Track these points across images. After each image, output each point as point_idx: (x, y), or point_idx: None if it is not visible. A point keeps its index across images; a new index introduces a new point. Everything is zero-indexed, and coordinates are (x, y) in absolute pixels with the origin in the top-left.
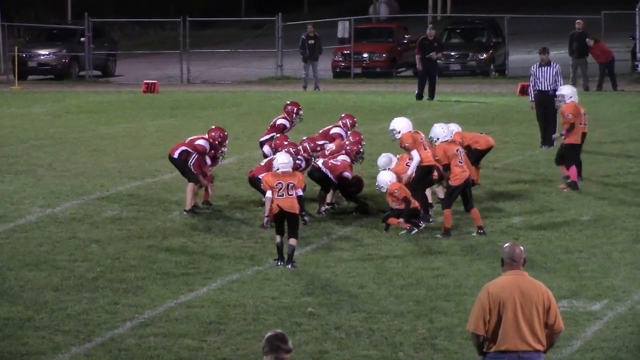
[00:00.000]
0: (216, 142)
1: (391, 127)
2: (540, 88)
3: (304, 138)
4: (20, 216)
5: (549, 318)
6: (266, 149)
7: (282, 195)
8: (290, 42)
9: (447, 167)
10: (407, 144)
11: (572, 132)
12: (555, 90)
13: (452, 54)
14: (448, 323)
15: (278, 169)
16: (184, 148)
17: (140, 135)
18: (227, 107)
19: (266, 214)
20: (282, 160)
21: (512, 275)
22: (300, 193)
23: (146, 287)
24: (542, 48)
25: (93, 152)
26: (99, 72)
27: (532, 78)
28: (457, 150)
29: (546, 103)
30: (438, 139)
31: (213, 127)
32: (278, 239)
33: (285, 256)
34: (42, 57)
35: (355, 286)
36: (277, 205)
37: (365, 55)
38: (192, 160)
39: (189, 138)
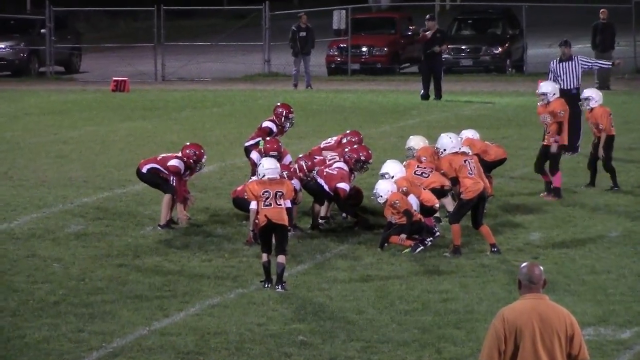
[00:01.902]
0: (191, 160)
1: (407, 146)
2: (561, 86)
3: (301, 156)
4: None
5: (572, 348)
6: (254, 155)
7: (270, 204)
8: (279, 34)
9: (455, 180)
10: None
11: (562, 133)
12: (578, 88)
13: (463, 47)
14: (458, 353)
15: (264, 176)
16: (154, 165)
17: (109, 140)
18: (208, 107)
19: (252, 228)
20: (269, 165)
21: (531, 300)
22: (289, 205)
23: (115, 312)
24: (563, 41)
25: (55, 159)
26: (61, 68)
27: (551, 75)
28: (465, 161)
29: (568, 104)
30: (445, 150)
31: (188, 143)
32: (265, 257)
33: (274, 277)
34: None
35: (352, 311)
36: (265, 215)
37: (363, 49)
38: (172, 180)
39: (162, 156)
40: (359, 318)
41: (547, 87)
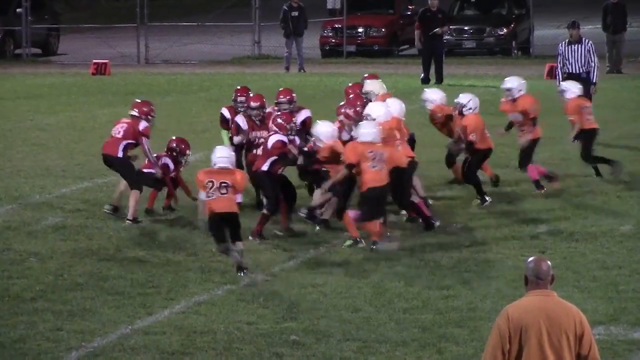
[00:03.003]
0: (174, 154)
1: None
2: (570, 70)
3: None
4: None
5: (582, 347)
6: (239, 119)
7: (211, 196)
8: (269, 14)
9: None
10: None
11: (535, 127)
12: (588, 72)
13: (466, 28)
14: (460, 354)
15: (215, 164)
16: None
17: (89, 127)
18: (194, 92)
19: (200, 217)
20: (221, 154)
21: (538, 296)
22: (239, 199)
23: (95, 310)
24: (571, 22)
25: (31, 147)
26: (38, 50)
27: (559, 58)
28: (371, 152)
29: None
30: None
31: (173, 137)
32: (222, 247)
33: (235, 266)
34: None
35: (348, 309)
36: (210, 207)
37: (360, 30)
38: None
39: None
40: (355, 316)
41: (513, 82)
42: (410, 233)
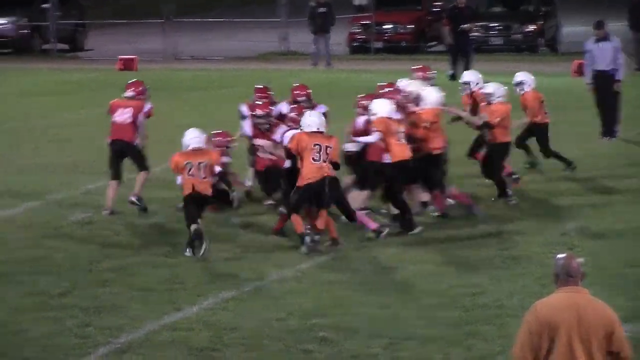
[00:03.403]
0: (225, 148)
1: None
2: (597, 67)
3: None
4: None
5: (612, 345)
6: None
7: (193, 175)
8: (297, 10)
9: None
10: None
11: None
12: (615, 69)
13: (493, 25)
14: (488, 351)
15: (188, 146)
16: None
17: None
18: (219, 88)
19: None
20: (192, 134)
21: (568, 293)
22: (219, 169)
23: (123, 306)
24: (596, 22)
25: (58, 143)
26: (65, 46)
27: (587, 55)
28: (315, 145)
29: (605, 85)
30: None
31: (217, 132)
32: (194, 226)
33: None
34: None
35: (375, 306)
36: (191, 184)
37: (388, 26)
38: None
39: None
40: (383, 313)
41: (470, 76)
42: (438, 230)
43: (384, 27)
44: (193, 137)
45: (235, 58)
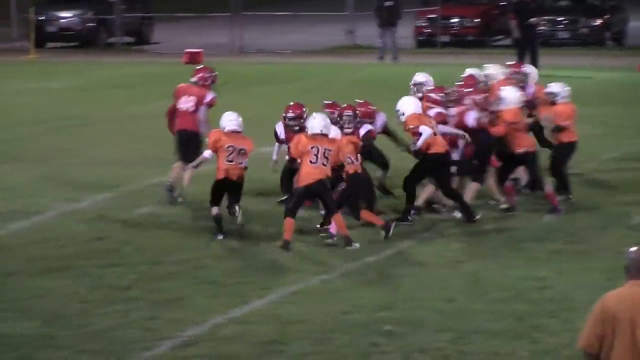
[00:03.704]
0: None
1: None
2: None
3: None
4: (37, 212)
5: None
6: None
7: (232, 161)
8: (363, 4)
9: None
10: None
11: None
12: None
13: (560, 19)
14: (554, 344)
15: (224, 128)
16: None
17: None
18: (287, 82)
19: (193, 165)
20: (230, 117)
21: (638, 287)
22: (246, 164)
23: (189, 299)
24: None
25: (125, 136)
26: (131, 39)
27: None
28: (312, 147)
29: None
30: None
31: (291, 103)
32: (215, 210)
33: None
34: (63, 21)
35: (442, 299)
36: (225, 171)
37: (454, 20)
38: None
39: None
40: (449, 306)
41: (422, 77)
42: (505, 223)
43: (450, 20)
44: (231, 120)
45: (302, 52)
